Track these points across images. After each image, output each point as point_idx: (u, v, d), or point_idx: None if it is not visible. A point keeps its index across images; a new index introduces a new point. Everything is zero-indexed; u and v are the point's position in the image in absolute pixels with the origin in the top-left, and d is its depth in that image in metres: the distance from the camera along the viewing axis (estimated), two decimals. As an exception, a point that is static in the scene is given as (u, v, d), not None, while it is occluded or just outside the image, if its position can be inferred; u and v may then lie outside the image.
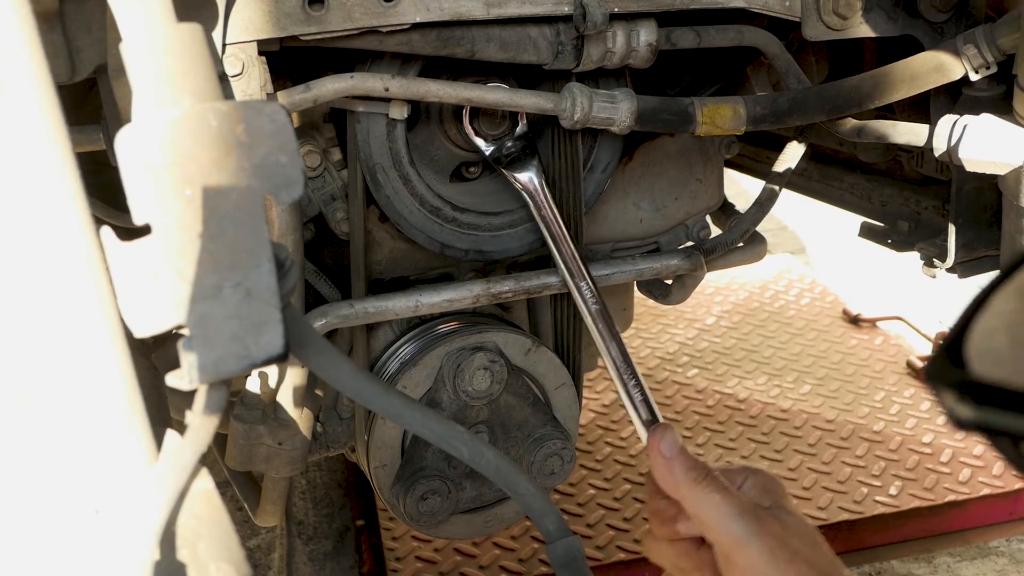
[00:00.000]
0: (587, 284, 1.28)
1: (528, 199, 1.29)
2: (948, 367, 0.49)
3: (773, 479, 1.08)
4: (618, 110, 1.23)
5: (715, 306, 3.22)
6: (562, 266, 1.29)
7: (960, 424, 0.48)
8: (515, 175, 1.29)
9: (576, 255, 1.29)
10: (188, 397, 0.66)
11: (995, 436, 0.47)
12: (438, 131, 1.33)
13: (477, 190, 1.36)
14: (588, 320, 1.28)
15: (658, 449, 1.08)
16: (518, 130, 1.31)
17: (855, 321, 3.07)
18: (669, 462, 1.06)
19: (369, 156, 1.25)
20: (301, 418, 1.24)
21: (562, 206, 1.34)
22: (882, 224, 1.77)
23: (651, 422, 1.25)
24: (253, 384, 1.23)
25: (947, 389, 0.48)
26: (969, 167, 1.29)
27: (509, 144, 1.31)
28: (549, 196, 1.29)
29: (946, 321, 3.15)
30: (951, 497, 2.26)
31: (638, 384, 1.28)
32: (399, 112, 1.23)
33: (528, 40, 1.20)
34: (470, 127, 1.30)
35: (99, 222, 0.65)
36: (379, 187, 1.26)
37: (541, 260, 1.40)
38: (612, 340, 1.27)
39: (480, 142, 1.30)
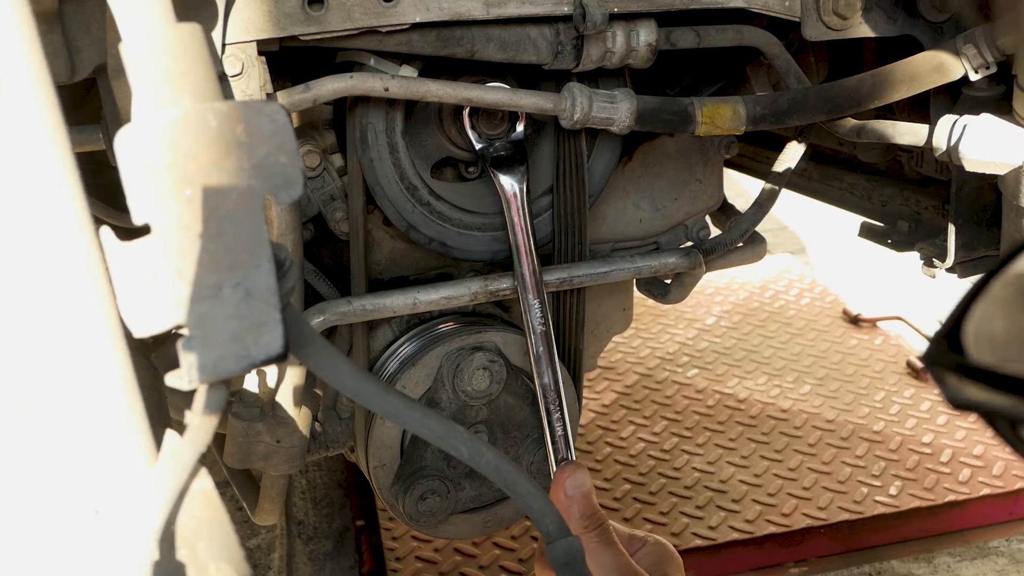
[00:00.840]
0: (539, 303, 1.29)
1: (505, 203, 1.30)
2: (946, 351, 0.51)
3: (672, 555, 1.06)
4: (618, 110, 1.23)
5: (715, 306, 3.22)
6: (520, 278, 1.29)
7: (958, 406, 0.49)
8: (499, 176, 1.29)
9: (537, 271, 1.29)
10: (188, 397, 0.66)
11: (993, 419, 0.49)
12: (434, 120, 1.33)
13: (460, 188, 1.36)
14: (529, 338, 1.28)
15: (562, 486, 1.06)
16: (513, 135, 1.32)
17: (855, 321, 3.07)
18: (568, 502, 1.05)
19: (365, 114, 1.24)
20: (300, 416, 1.24)
21: (565, 207, 1.35)
22: (882, 224, 1.77)
23: (565, 460, 1.25)
24: (252, 382, 1.23)
25: (946, 372, 0.50)
26: (969, 167, 1.29)
27: (498, 144, 1.31)
28: (526, 206, 1.29)
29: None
30: (951, 497, 2.26)
31: (562, 418, 1.28)
32: (409, 73, 1.22)
33: (528, 40, 1.20)
34: (468, 120, 1.30)
35: (99, 222, 0.64)
36: (366, 148, 1.25)
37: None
38: (548, 366, 1.28)
39: (474, 136, 1.30)
